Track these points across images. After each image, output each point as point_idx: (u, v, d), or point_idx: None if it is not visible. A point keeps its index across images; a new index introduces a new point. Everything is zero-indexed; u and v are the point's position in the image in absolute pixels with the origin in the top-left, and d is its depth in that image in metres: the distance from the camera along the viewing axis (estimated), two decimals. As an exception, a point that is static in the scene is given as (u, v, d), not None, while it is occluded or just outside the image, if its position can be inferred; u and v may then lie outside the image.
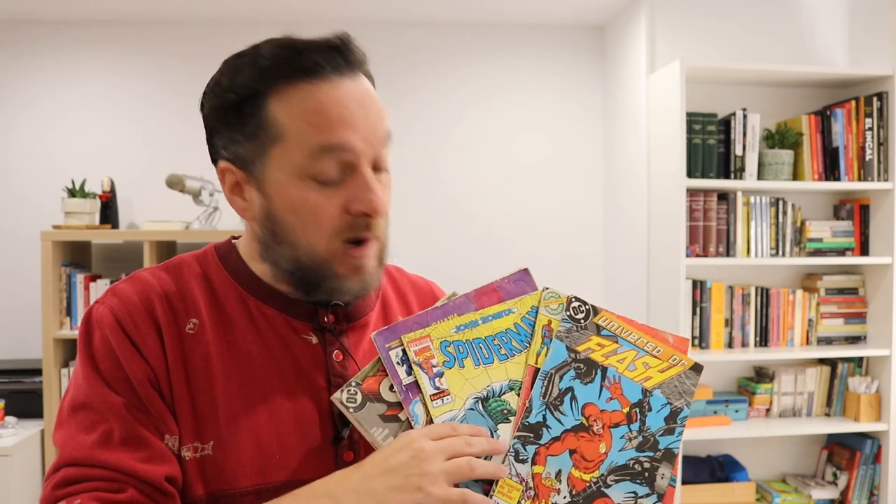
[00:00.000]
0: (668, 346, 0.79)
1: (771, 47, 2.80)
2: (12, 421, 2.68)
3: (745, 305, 2.68)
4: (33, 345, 2.93)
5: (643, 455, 0.74)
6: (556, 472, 0.72)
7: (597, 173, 3.25)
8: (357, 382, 0.72)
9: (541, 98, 3.20)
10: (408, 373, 0.72)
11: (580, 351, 0.76)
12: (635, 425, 0.75)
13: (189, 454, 0.74)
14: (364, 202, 0.75)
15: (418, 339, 0.74)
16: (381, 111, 0.78)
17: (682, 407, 0.77)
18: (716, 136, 2.56)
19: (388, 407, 0.72)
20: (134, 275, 0.82)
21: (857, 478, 2.66)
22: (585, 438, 0.73)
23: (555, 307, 0.77)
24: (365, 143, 0.75)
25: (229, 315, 0.80)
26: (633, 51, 2.88)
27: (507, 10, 3.01)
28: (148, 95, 3.09)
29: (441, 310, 0.76)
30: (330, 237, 0.76)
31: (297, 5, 2.91)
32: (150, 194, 3.04)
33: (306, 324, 0.82)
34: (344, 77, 0.75)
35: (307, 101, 0.74)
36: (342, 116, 0.74)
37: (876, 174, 2.59)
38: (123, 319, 0.76)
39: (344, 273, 0.78)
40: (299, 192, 0.75)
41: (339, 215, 0.76)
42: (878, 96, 2.59)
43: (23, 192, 3.03)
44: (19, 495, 2.56)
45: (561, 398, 0.74)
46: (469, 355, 0.74)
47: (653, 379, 0.77)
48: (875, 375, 2.69)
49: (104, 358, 0.74)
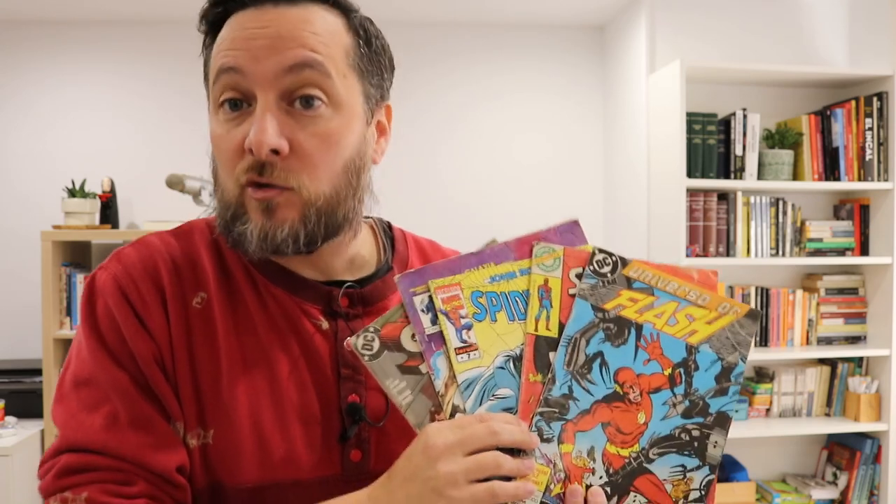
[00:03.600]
0: (715, 293, 0.67)
1: (771, 47, 2.80)
2: (12, 421, 2.68)
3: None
4: (33, 345, 2.93)
5: (691, 422, 0.65)
6: (587, 449, 0.63)
7: (597, 173, 3.25)
8: (376, 328, 0.65)
9: (541, 98, 3.20)
10: (432, 322, 0.64)
11: (608, 309, 0.66)
12: (680, 388, 0.65)
13: (193, 442, 0.68)
14: (249, 137, 0.66)
15: (447, 286, 0.65)
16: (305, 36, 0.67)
17: (737, 362, 0.67)
18: (716, 136, 2.56)
19: (408, 357, 0.64)
20: (141, 238, 0.74)
21: (857, 478, 2.66)
22: (621, 408, 0.65)
23: (549, 263, 0.67)
24: (259, 69, 0.66)
25: (239, 291, 0.73)
26: (633, 51, 2.88)
27: (507, 10, 3.01)
28: (148, 95, 3.08)
29: (476, 256, 0.67)
30: (233, 178, 0.69)
31: (297, 5, 2.91)
32: (150, 194, 3.03)
33: (317, 307, 0.74)
34: (267, 6, 0.68)
35: (225, 29, 0.70)
36: (241, 38, 0.67)
37: (876, 174, 2.59)
38: (127, 288, 0.69)
39: (252, 217, 0.69)
40: (212, 126, 0.71)
41: (238, 152, 0.68)
42: (878, 96, 2.59)
43: (23, 192, 3.03)
44: (19, 495, 2.56)
45: (589, 365, 0.65)
46: (503, 309, 0.66)
47: (699, 333, 0.67)
48: (875, 375, 2.69)
49: (108, 330, 0.68)
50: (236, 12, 0.70)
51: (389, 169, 3.26)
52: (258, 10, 0.68)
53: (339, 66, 0.69)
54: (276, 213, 0.68)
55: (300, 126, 0.68)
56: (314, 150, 0.68)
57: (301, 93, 0.67)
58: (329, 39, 0.69)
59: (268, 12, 0.68)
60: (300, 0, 0.69)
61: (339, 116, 0.70)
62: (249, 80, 0.67)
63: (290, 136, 0.67)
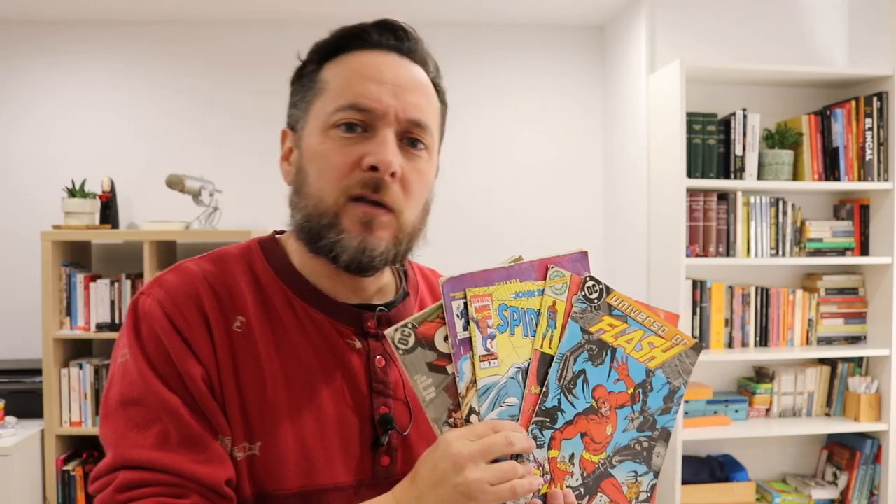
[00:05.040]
0: (673, 326, 0.77)
1: (771, 47, 2.80)
2: (12, 421, 2.68)
3: (745, 305, 2.68)
4: (33, 345, 2.93)
5: (643, 435, 0.75)
6: (569, 455, 0.72)
7: (597, 173, 3.25)
8: (413, 325, 0.69)
9: (541, 98, 3.20)
10: (464, 327, 0.70)
11: (593, 332, 0.74)
12: (637, 406, 0.75)
13: (240, 454, 0.74)
14: (374, 155, 0.75)
15: (481, 295, 0.71)
16: (422, 93, 0.80)
17: (680, 386, 0.77)
18: (716, 136, 2.56)
19: (438, 357, 0.69)
20: (179, 265, 0.80)
21: (857, 478, 2.66)
22: (595, 421, 0.73)
23: (559, 287, 0.74)
24: (390, 108, 0.76)
25: (278, 315, 0.79)
26: (633, 51, 2.88)
27: (507, 10, 3.01)
28: (148, 95, 3.09)
29: (507, 271, 0.73)
30: (339, 189, 0.76)
31: (298, 5, 2.91)
32: (150, 194, 3.03)
33: (350, 328, 0.81)
34: (391, 54, 0.80)
35: (351, 62, 0.79)
36: (374, 77, 0.77)
37: (876, 174, 2.59)
38: (173, 314, 0.74)
39: (348, 228, 0.76)
40: (321, 141, 0.78)
41: (352, 167, 0.76)
42: (878, 96, 2.59)
43: (23, 192, 3.03)
44: (19, 495, 2.56)
45: (574, 381, 0.73)
46: (521, 324, 0.72)
47: (656, 359, 0.76)
48: (875, 375, 2.69)
49: (155, 353, 0.73)
50: (360, 51, 0.80)
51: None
52: (384, 55, 0.79)
53: (433, 123, 0.82)
54: (376, 230, 0.76)
55: (407, 160, 0.78)
56: (414, 183, 0.79)
57: (411, 136, 0.79)
58: (432, 101, 0.83)
59: (394, 60, 0.79)
60: (416, 59, 0.82)
61: (430, 161, 0.82)
62: (376, 117, 0.76)
63: (402, 165, 0.77)
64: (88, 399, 2.72)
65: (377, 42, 0.80)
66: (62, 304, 2.74)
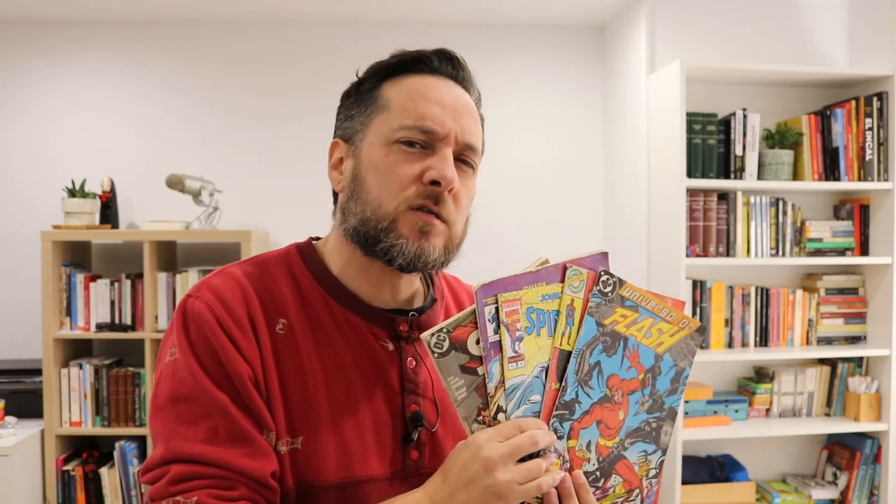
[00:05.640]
0: (679, 311, 0.81)
1: (771, 47, 2.80)
2: (12, 421, 2.68)
3: (745, 305, 2.68)
4: (33, 345, 2.93)
5: (652, 416, 0.79)
6: (586, 443, 0.76)
7: (597, 173, 3.25)
8: (448, 329, 0.74)
9: (541, 98, 3.20)
10: (495, 331, 0.74)
11: (607, 325, 0.78)
12: (647, 390, 0.79)
13: (284, 448, 0.79)
14: (437, 171, 0.81)
15: (511, 300, 0.75)
16: (474, 119, 0.87)
17: (686, 367, 0.81)
18: (716, 136, 2.56)
19: (470, 359, 0.74)
20: (224, 270, 0.86)
21: (857, 478, 2.66)
22: (608, 408, 0.77)
23: (576, 284, 0.78)
24: (451, 131, 0.83)
25: (318, 317, 0.85)
26: (633, 51, 2.88)
27: (507, 10, 3.01)
28: (148, 95, 3.08)
29: (534, 275, 0.77)
30: (400, 198, 0.82)
31: (298, 5, 2.91)
32: (150, 194, 3.03)
33: (384, 331, 0.87)
34: (448, 80, 0.87)
35: (414, 84, 0.85)
36: (438, 101, 0.84)
37: (876, 174, 2.59)
38: (221, 317, 0.79)
39: (405, 234, 0.82)
40: (384, 153, 0.83)
41: (413, 180, 0.82)
42: (878, 96, 2.59)
43: (23, 192, 3.03)
44: (19, 495, 2.56)
45: (590, 373, 0.77)
46: (546, 325, 0.76)
47: (664, 343, 0.80)
48: (875, 375, 2.69)
49: (204, 353, 0.78)
50: (421, 75, 0.86)
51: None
52: (444, 81, 0.86)
53: (480, 145, 0.90)
54: (431, 237, 0.83)
55: (461, 178, 0.85)
56: (464, 198, 0.86)
57: (464, 157, 0.86)
58: (479, 126, 0.90)
59: (452, 87, 0.86)
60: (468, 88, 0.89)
61: (475, 180, 0.90)
62: (437, 138, 0.83)
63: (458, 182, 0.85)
64: (88, 399, 2.72)
65: (437, 68, 0.86)
66: (62, 304, 2.74)
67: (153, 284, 2.71)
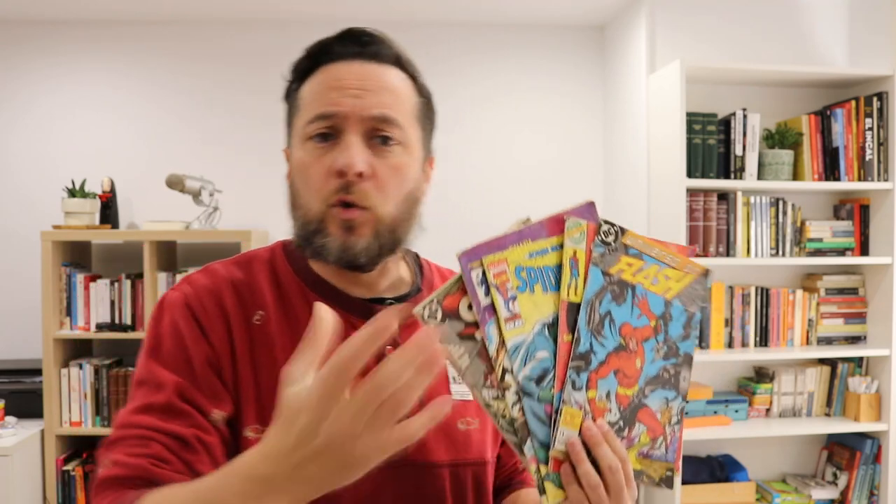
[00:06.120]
0: (683, 257, 0.80)
1: (771, 47, 2.80)
2: (12, 421, 2.68)
3: (745, 305, 2.68)
4: (33, 345, 2.93)
5: (668, 363, 0.79)
6: (605, 393, 0.76)
7: (597, 173, 3.25)
8: (438, 300, 0.73)
9: (541, 98, 3.20)
10: (486, 294, 0.73)
11: (613, 274, 0.78)
12: (661, 336, 0.79)
13: (252, 434, 0.80)
14: (339, 160, 0.80)
15: (497, 262, 0.74)
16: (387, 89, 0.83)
17: (696, 312, 0.81)
18: (716, 136, 2.56)
19: (466, 326, 0.73)
20: (207, 266, 0.89)
21: (857, 478, 2.66)
22: (625, 357, 0.77)
23: (577, 236, 0.77)
24: (352, 109, 0.81)
25: (294, 309, 0.86)
26: (633, 51, 2.88)
27: (507, 10, 3.01)
28: (148, 95, 3.09)
29: (517, 234, 0.77)
30: (320, 197, 0.82)
31: (298, 5, 2.91)
32: (150, 194, 3.04)
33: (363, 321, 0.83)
34: (356, 61, 0.84)
35: (320, 76, 0.84)
36: (336, 85, 0.82)
37: (876, 174, 2.59)
38: (193, 303, 0.83)
39: (333, 232, 0.82)
40: (300, 155, 0.84)
41: (326, 176, 0.81)
42: (878, 96, 2.59)
43: (23, 192, 3.03)
44: (19, 495, 2.56)
45: (602, 323, 0.76)
46: (539, 281, 0.76)
47: (672, 290, 0.80)
48: (875, 375, 2.69)
49: (169, 338, 0.81)
50: (327, 64, 0.85)
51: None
52: (348, 63, 0.84)
53: (407, 118, 0.85)
54: (356, 230, 0.82)
55: (378, 157, 0.82)
56: (387, 178, 0.83)
57: (380, 134, 0.83)
58: (402, 97, 0.85)
59: (356, 66, 0.84)
60: (384, 61, 0.85)
61: (406, 154, 0.85)
62: (341, 121, 0.81)
63: (370, 164, 0.82)
64: (88, 399, 2.72)
65: (341, 53, 0.84)
66: (62, 304, 2.74)
67: (153, 284, 2.71)
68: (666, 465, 0.79)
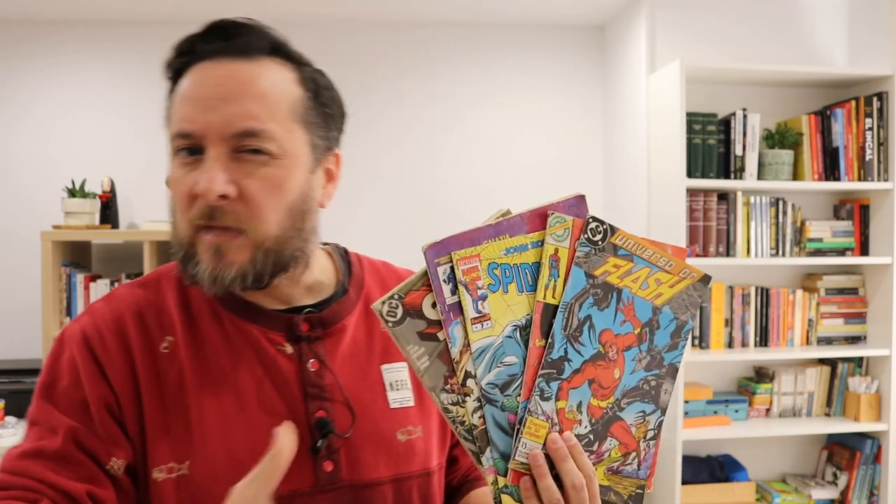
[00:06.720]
0: (680, 260, 0.74)
1: (771, 47, 2.80)
2: (12, 421, 2.68)
3: (745, 305, 2.68)
4: (33, 345, 2.93)
5: (650, 374, 0.73)
6: (577, 404, 0.70)
7: (597, 173, 3.25)
8: (400, 295, 0.67)
9: (541, 98, 3.20)
10: (452, 292, 0.67)
11: (597, 276, 0.71)
12: (644, 345, 0.73)
13: (162, 475, 0.74)
14: (200, 183, 0.72)
15: (468, 257, 0.68)
16: (251, 95, 0.73)
17: (688, 320, 0.75)
18: (716, 136, 2.56)
19: (428, 325, 0.68)
20: (111, 292, 0.82)
21: (857, 478, 2.66)
22: (602, 366, 0.71)
23: (560, 233, 0.71)
24: (208, 127, 0.72)
25: (204, 329, 0.79)
26: (633, 51, 2.88)
27: (507, 10, 3.01)
28: (148, 95, 3.08)
29: (494, 228, 0.71)
30: (186, 220, 0.75)
31: (298, 5, 2.91)
32: (150, 194, 3.03)
33: (280, 333, 0.80)
34: (220, 60, 0.75)
35: (184, 83, 0.76)
36: (192, 96, 0.74)
37: (876, 174, 2.59)
38: (92, 339, 0.76)
39: (203, 258, 0.74)
40: (171, 169, 0.77)
41: (190, 198, 0.74)
42: (878, 96, 2.59)
43: (23, 192, 3.03)
44: (19, 495, 2.56)
45: (580, 328, 0.70)
46: (514, 280, 0.69)
47: (663, 295, 0.73)
48: (875, 375, 2.69)
49: (66, 376, 0.75)
50: (197, 63, 0.75)
51: (390, 170, 3.26)
52: (215, 63, 0.74)
53: (282, 123, 0.75)
54: (226, 255, 0.74)
55: (247, 173, 0.73)
56: (260, 195, 0.73)
57: (246, 148, 0.73)
58: (275, 98, 0.75)
59: (223, 67, 0.74)
60: (255, 54, 0.75)
61: (283, 165, 0.75)
62: (199, 140, 0.73)
63: (238, 182, 0.73)
64: (88, 399, 2.72)
65: (205, 51, 0.75)
66: (62, 304, 2.74)
67: (153, 284, 2.70)
68: (637, 481, 0.73)
